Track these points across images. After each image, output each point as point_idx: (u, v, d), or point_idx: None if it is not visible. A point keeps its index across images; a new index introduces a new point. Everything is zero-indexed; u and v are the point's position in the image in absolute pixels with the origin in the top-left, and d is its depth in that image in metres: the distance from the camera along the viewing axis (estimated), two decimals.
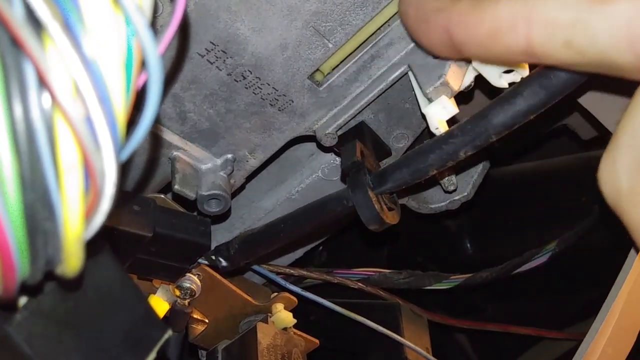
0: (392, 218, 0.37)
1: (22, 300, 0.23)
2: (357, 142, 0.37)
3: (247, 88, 0.39)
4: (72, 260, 0.20)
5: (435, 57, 0.34)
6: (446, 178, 0.43)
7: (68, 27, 0.17)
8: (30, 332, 0.23)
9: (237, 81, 0.38)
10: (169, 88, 0.38)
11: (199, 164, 0.42)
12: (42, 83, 0.17)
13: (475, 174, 0.45)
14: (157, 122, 0.40)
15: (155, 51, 0.18)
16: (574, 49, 0.24)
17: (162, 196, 0.41)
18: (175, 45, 0.36)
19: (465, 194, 0.45)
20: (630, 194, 0.26)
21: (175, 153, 0.41)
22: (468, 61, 0.35)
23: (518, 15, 0.25)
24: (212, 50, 0.37)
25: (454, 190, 0.44)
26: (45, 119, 0.17)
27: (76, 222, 0.18)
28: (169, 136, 0.40)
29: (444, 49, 0.31)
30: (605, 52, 0.24)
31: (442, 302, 0.65)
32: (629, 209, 0.26)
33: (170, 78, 0.38)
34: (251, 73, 0.38)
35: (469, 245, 0.64)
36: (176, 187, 0.40)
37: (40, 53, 0.17)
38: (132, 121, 0.20)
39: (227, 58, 0.37)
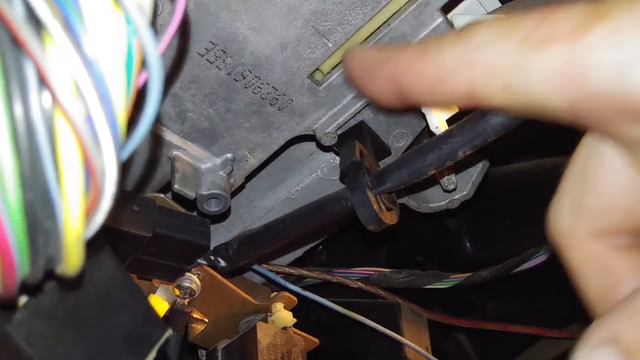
0: (390, 218, 0.37)
1: (22, 300, 0.23)
2: (355, 142, 0.37)
3: (246, 87, 0.39)
4: (72, 259, 0.19)
5: (383, 108, 0.35)
6: (446, 177, 0.43)
7: (68, 26, 0.17)
8: (30, 332, 0.23)
9: (236, 80, 0.38)
10: (168, 87, 0.38)
11: (199, 164, 0.42)
12: (43, 82, 0.17)
13: (474, 173, 0.45)
14: (157, 121, 0.40)
15: (156, 50, 0.18)
16: (512, 92, 0.25)
17: (162, 196, 0.41)
18: (175, 44, 0.36)
19: (465, 193, 0.45)
20: (570, 236, 0.28)
21: (175, 152, 0.41)
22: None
23: (461, 60, 0.27)
24: (211, 49, 0.37)
25: (454, 190, 0.44)
26: (46, 119, 0.17)
27: (77, 221, 0.18)
28: (168, 136, 0.40)
29: (391, 97, 0.32)
30: (539, 95, 0.25)
31: (441, 301, 0.65)
32: (568, 249, 0.28)
33: (170, 77, 0.38)
34: (251, 72, 0.38)
35: (468, 244, 0.64)
36: (176, 186, 0.40)
37: (41, 52, 0.17)
38: (133, 120, 0.20)
39: (227, 57, 0.37)
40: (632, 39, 0.22)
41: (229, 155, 0.42)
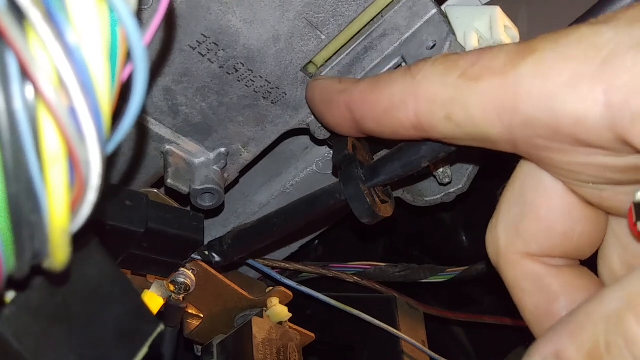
0: (385, 211, 0.36)
1: (10, 296, 0.22)
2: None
3: (239, 81, 0.39)
4: (59, 253, 0.19)
5: (338, 134, 0.36)
6: (441, 170, 0.43)
7: (50, 16, 0.17)
8: (19, 327, 0.22)
9: (229, 74, 0.38)
10: (160, 81, 0.38)
11: (192, 158, 0.42)
12: (25, 73, 0.17)
13: (470, 167, 0.45)
14: (149, 115, 0.39)
15: (140, 40, 0.17)
16: (454, 122, 0.27)
17: (155, 191, 0.41)
18: (166, 37, 0.35)
19: (461, 186, 0.45)
20: (506, 254, 0.30)
21: (167, 147, 0.41)
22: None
23: (408, 93, 0.29)
24: (203, 42, 0.36)
25: (449, 183, 0.44)
26: (28, 110, 0.17)
27: (62, 213, 0.18)
28: (161, 130, 0.40)
29: (346, 125, 0.34)
30: (479, 125, 0.26)
31: (438, 295, 0.65)
32: (505, 267, 0.30)
33: (161, 71, 0.37)
34: (243, 65, 0.38)
35: (464, 237, 0.64)
36: (169, 181, 0.40)
37: (23, 43, 0.16)
38: (120, 113, 0.20)
39: (219, 50, 0.37)
40: (559, 69, 0.24)
41: (222, 149, 0.42)
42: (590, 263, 0.31)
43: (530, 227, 0.29)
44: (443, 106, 0.27)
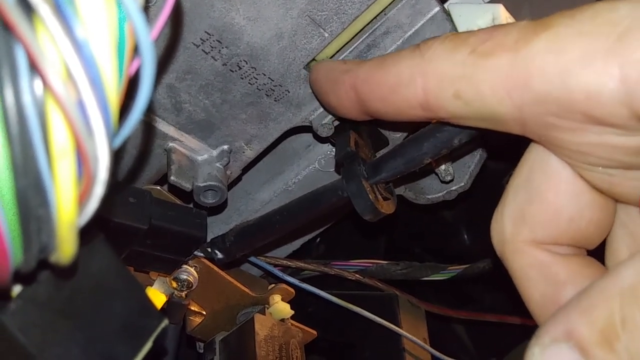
0: (387, 208, 0.37)
1: (17, 289, 0.23)
2: (350, 132, 0.37)
3: (242, 78, 0.39)
4: (66, 247, 0.19)
5: (343, 118, 0.36)
6: (443, 168, 0.43)
7: (59, 11, 0.17)
8: (25, 321, 0.23)
9: (232, 71, 0.38)
10: (164, 78, 0.38)
11: (195, 155, 0.42)
12: (34, 67, 0.17)
13: (472, 164, 0.45)
14: (153, 113, 0.39)
15: (147, 34, 0.18)
16: (462, 100, 0.27)
17: (158, 188, 0.41)
18: (170, 34, 0.36)
19: (462, 184, 0.45)
20: (512, 243, 0.29)
21: (170, 144, 0.41)
22: None
23: (415, 70, 0.28)
24: (207, 40, 0.36)
25: (451, 181, 0.44)
26: (37, 104, 0.17)
27: (69, 207, 0.18)
28: (164, 127, 0.40)
29: (351, 106, 0.33)
30: (488, 102, 0.26)
31: (439, 293, 0.65)
32: (510, 256, 0.29)
33: (165, 68, 0.37)
34: (247, 63, 0.38)
35: (466, 235, 0.64)
36: (172, 178, 0.40)
37: (32, 37, 0.17)
38: (126, 109, 0.20)
39: (223, 48, 0.37)
40: (573, 44, 0.23)
41: (225, 146, 0.42)
42: (597, 256, 0.30)
43: (536, 212, 0.28)
44: (452, 83, 0.27)
